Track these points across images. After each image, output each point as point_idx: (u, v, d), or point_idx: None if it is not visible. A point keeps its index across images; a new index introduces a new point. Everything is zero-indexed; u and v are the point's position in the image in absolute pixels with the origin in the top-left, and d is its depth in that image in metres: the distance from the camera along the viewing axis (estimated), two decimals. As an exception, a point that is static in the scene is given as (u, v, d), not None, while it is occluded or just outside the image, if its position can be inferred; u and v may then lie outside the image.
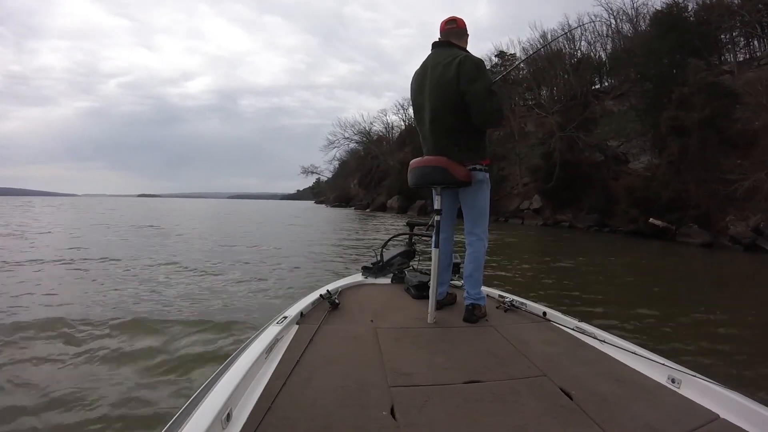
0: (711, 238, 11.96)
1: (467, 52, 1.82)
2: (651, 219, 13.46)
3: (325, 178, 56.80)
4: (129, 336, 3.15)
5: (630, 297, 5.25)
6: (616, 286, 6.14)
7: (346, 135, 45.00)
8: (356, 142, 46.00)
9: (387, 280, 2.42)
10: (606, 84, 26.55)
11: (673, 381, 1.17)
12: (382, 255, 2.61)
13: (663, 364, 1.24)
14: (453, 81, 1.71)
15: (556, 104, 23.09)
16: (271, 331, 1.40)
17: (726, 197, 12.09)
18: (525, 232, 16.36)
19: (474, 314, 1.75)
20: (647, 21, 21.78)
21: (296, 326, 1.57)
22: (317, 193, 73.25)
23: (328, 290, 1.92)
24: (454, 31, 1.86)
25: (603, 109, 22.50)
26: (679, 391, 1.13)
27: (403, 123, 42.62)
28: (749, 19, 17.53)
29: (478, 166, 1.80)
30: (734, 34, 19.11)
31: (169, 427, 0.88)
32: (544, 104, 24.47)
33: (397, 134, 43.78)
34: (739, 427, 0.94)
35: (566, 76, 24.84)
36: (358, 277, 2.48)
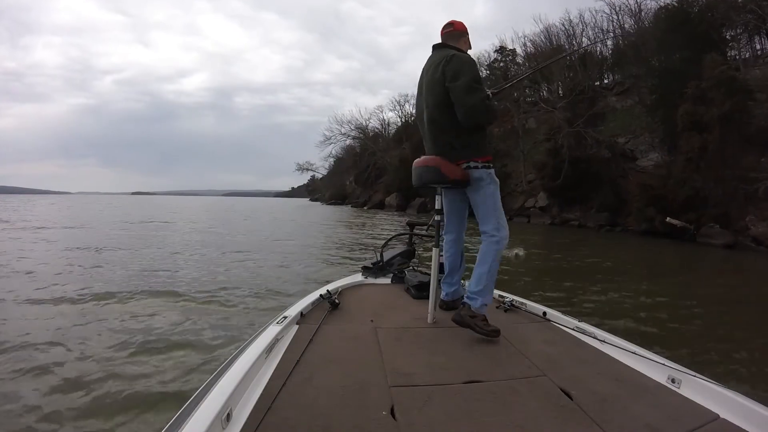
0: (733, 239, 11.89)
1: (460, 51, 1.90)
2: (668, 218, 13.28)
3: (321, 175, 56.89)
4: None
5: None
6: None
7: (343, 131, 45.13)
8: (353, 138, 46.11)
9: (387, 280, 2.49)
10: (607, 81, 26.57)
11: (673, 381, 1.22)
12: (382, 255, 2.68)
13: (663, 364, 1.29)
14: (440, 80, 1.79)
15: (561, 99, 23.08)
16: (271, 331, 1.45)
17: (746, 196, 12.01)
18: (534, 230, 16.22)
19: (461, 314, 1.68)
20: (650, 16, 21.85)
21: (296, 326, 1.62)
22: (312, 190, 73.27)
23: (328, 290, 1.98)
24: (451, 34, 1.96)
25: (606, 105, 22.57)
26: (679, 391, 1.18)
27: (399, 120, 42.84)
28: (760, 13, 17.57)
29: (472, 164, 1.81)
30: (738, 30, 19.15)
31: (169, 427, 0.93)
32: (550, 99, 24.50)
33: (393, 131, 43.88)
34: (739, 427, 0.99)
35: (570, 74, 24.90)
36: (358, 277, 2.54)
